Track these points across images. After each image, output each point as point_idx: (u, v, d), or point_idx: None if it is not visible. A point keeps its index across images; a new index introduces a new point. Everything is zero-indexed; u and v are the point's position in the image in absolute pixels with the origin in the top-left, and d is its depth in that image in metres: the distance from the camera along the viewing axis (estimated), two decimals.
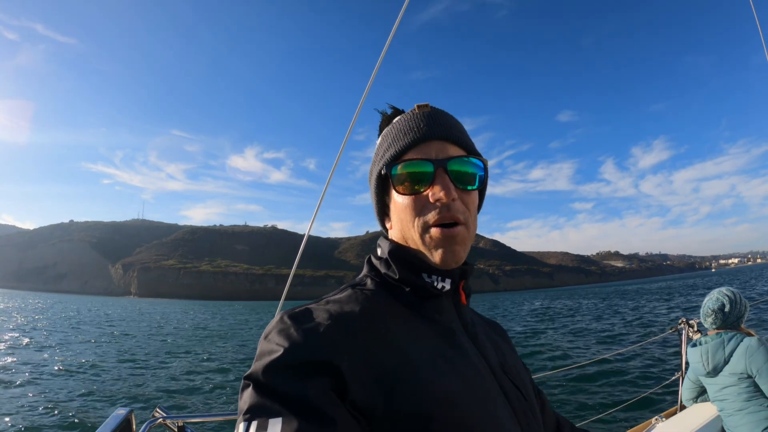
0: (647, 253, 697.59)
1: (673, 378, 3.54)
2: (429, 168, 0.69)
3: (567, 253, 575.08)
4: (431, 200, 0.69)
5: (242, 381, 0.57)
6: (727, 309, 2.61)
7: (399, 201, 0.73)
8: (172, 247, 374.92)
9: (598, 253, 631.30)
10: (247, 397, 0.54)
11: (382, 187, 0.77)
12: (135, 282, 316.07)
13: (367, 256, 0.82)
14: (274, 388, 0.53)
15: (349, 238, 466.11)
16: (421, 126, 0.73)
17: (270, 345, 0.59)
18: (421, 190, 0.70)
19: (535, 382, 0.93)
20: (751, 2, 4.07)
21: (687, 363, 3.08)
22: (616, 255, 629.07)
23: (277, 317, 0.63)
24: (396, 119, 0.79)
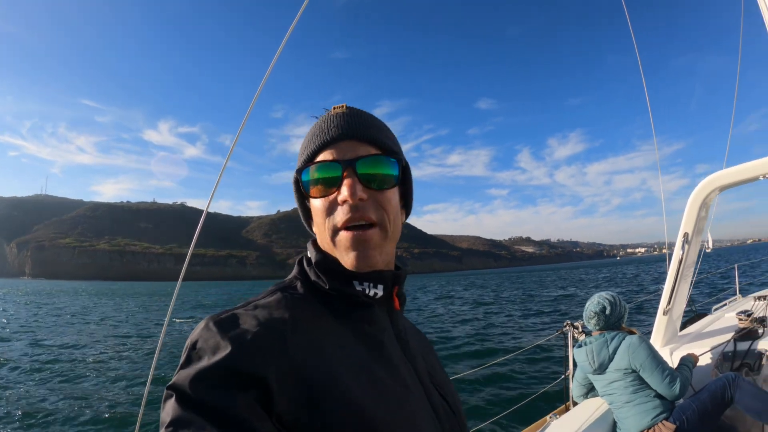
0: (558, 240, 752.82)
1: (561, 377, 3.70)
2: (337, 169, 0.68)
3: (479, 238, 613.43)
4: (340, 202, 0.68)
5: (165, 391, 0.54)
6: (608, 311, 2.81)
7: (313, 204, 0.72)
8: (72, 224, 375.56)
9: (510, 239, 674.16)
10: (169, 409, 0.51)
11: (300, 192, 0.76)
12: (29, 262, 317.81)
13: (299, 257, 0.78)
14: (198, 401, 0.51)
15: (259, 217, 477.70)
16: (331, 127, 0.71)
17: (194, 353, 0.56)
18: (331, 192, 0.69)
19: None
20: (625, 10, 4.66)
21: (574, 362, 3.31)
22: (528, 241, 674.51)
23: (202, 323, 0.60)
24: (317, 121, 0.76)
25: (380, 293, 0.71)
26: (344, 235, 0.68)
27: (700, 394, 2.73)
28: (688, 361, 2.90)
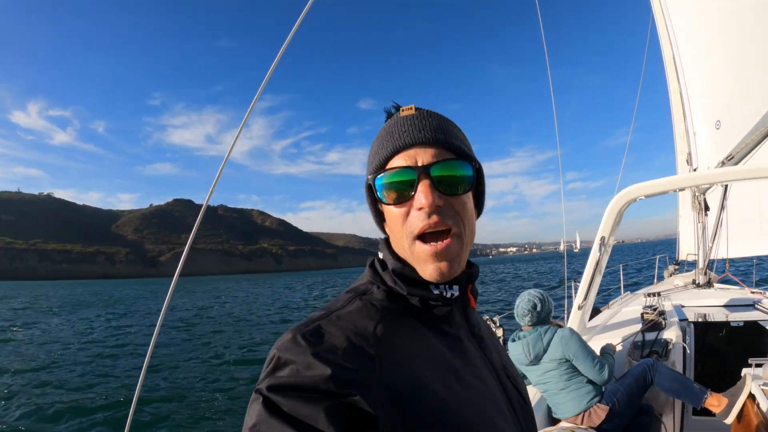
0: None
1: None
2: (412, 175, 0.68)
3: (355, 236, 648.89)
4: (416, 208, 0.68)
5: (253, 392, 0.56)
6: (538, 308, 3.00)
7: (388, 210, 0.72)
8: None
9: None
10: (254, 412, 0.54)
11: (373, 197, 0.76)
12: None
13: (370, 259, 0.78)
14: (284, 409, 0.53)
15: (131, 211, 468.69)
16: (402, 132, 0.70)
17: (282, 362, 0.58)
18: (406, 199, 0.69)
19: None
20: (540, 21, 5.28)
21: None
22: None
23: (289, 335, 0.61)
24: (385, 124, 0.76)
25: (456, 293, 0.73)
26: (422, 249, 0.68)
27: (624, 378, 3.00)
28: (609, 350, 3.21)
